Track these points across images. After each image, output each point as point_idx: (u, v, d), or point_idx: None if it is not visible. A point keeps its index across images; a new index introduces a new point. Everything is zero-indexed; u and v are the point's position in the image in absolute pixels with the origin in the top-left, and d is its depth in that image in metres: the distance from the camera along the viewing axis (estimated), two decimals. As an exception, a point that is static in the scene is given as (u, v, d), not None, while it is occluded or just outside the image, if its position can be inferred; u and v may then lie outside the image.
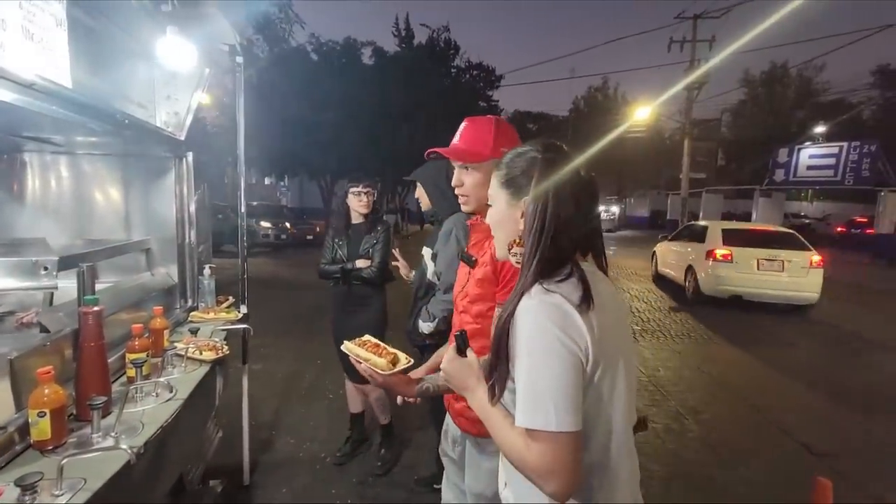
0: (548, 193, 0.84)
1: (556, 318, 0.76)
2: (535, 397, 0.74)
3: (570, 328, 0.75)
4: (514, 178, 0.91)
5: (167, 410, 1.34)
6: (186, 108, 2.18)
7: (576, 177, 0.87)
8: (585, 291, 0.79)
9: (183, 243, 2.28)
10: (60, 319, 1.40)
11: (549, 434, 0.72)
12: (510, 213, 0.92)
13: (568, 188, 0.85)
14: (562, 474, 0.73)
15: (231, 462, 2.52)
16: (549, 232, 0.83)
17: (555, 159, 0.87)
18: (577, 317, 0.76)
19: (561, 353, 0.74)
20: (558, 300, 0.77)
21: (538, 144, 0.92)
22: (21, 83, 1.13)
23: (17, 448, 1.08)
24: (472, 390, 0.91)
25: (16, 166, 2.09)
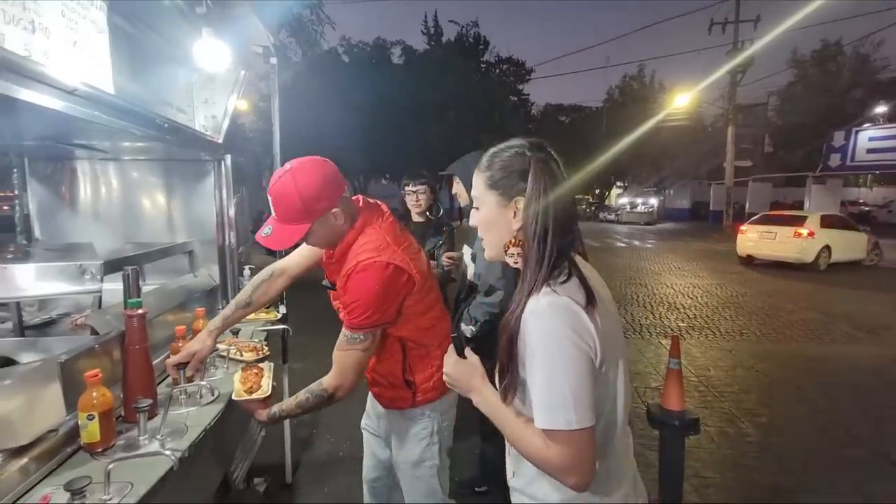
0: (548, 195, 0.85)
1: (568, 320, 0.78)
2: (554, 399, 0.77)
3: (580, 329, 0.78)
4: (502, 179, 0.91)
5: (210, 413, 1.34)
6: (223, 112, 2.20)
7: (561, 174, 0.89)
8: (588, 291, 0.82)
9: (223, 245, 2.31)
10: (109, 322, 1.42)
11: (568, 433, 0.76)
12: (502, 214, 0.92)
13: (563, 189, 0.87)
14: (582, 468, 0.77)
15: (274, 461, 2.55)
16: (554, 234, 0.85)
17: (546, 159, 0.88)
18: (585, 317, 0.79)
19: (575, 355, 0.77)
20: (567, 302, 0.79)
21: (523, 144, 0.91)
22: (64, 89, 1.14)
23: (68, 450, 1.09)
24: (477, 391, 0.92)
25: (67, 174, 2.17)
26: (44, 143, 1.61)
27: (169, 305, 1.86)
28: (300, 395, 1.30)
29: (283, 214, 1.24)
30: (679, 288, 8.08)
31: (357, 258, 1.24)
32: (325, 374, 1.31)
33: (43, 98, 1.10)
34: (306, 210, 1.22)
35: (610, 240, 17.57)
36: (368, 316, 1.22)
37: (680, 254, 12.99)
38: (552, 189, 0.86)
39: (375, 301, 1.22)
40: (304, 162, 1.25)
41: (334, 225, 1.28)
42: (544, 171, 0.86)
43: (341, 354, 1.26)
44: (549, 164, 0.88)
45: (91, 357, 1.24)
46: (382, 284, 1.22)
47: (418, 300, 1.31)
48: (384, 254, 1.24)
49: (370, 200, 1.41)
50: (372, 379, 1.48)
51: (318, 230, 1.26)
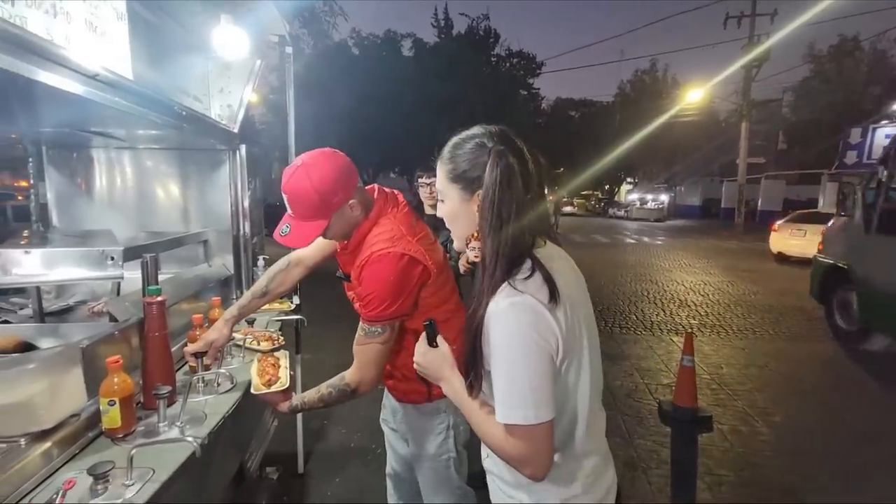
0: (506, 189, 0.83)
1: (529, 320, 0.78)
2: (513, 397, 0.79)
3: (542, 328, 0.79)
4: (463, 172, 0.89)
5: (228, 401, 1.34)
6: (239, 101, 2.20)
7: (524, 164, 0.86)
8: (552, 288, 0.81)
9: (238, 235, 2.31)
10: (127, 309, 1.43)
11: (525, 427, 0.78)
12: (465, 208, 0.91)
13: (518, 179, 0.84)
14: (538, 460, 0.80)
15: (286, 450, 2.56)
16: (511, 229, 0.83)
17: (505, 152, 0.85)
18: (548, 315, 0.79)
19: (535, 353, 0.78)
20: (529, 301, 0.79)
21: (484, 133, 0.89)
22: (86, 74, 1.13)
23: (89, 435, 1.10)
24: (447, 380, 0.93)
25: (84, 162, 2.18)
26: (61, 130, 1.61)
27: (184, 294, 1.87)
28: (322, 388, 1.28)
29: (301, 212, 1.22)
30: (690, 285, 8.01)
31: (371, 249, 1.22)
32: (339, 365, 1.30)
33: (64, 82, 1.09)
34: (324, 205, 1.20)
35: (619, 236, 17.45)
36: (385, 308, 1.20)
37: (690, 251, 12.86)
38: (511, 182, 0.83)
39: (391, 293, 1.20)
40: (316, 156, 1.23)
41: (351, 217, 1.27)
42: (502, 164, 0.83)
43: (361, 349, 1.25)
44: (509, 155, 0.84)
45: (111, 343, 1.24)
46: (397, 275, 1.20)
47: (433, 292, 1.29)
48: (399, 244, 1.22)
49: (385, 189, 1.39)
50: (387, 372, 1.46)
51: (336, 223, 1.25)
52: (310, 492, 2.45)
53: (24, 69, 0.98)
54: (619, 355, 4.52)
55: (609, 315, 6.00)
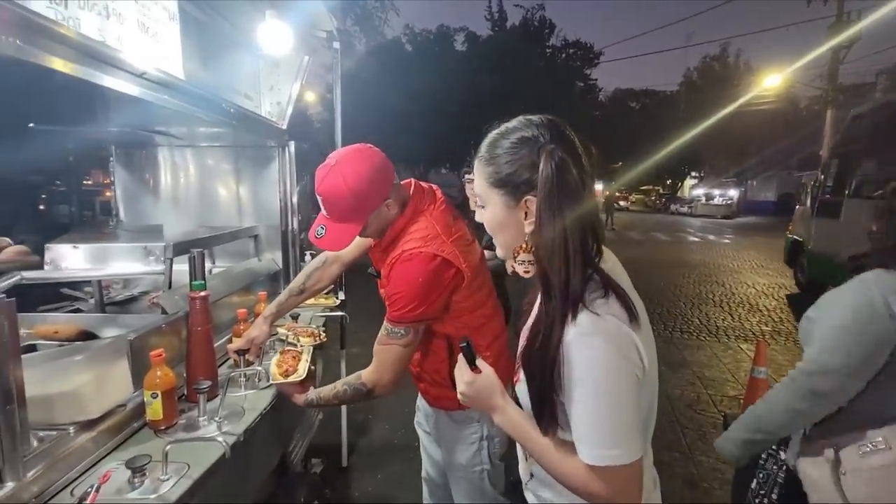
0: (561, 194, 0.72)
1: (620, 347, 0.70)
2: (603, 435, 0.70)
3: (630, 352, 0.71)
4: (507, 175, 0.77)
5: (267, 397, 1.34)
6: (288, 98, 2.23)
7: (579, 161, 0.74)
8: (629, 306, 0.72)
9: (286, 230, 2.35)
10: (177, 302, 1.47)
11: (616, 468, 0.70)
12: (511, 216, 0.80)
13: (576, 180, 0.73)
14: (629, 496, 0.72)
15: (331, 442, 2.60)
16: (578, 245, 0.72)
17: (559, 149, 0.73)
18: (634, 337, 0.71)
19: (626, 384, 0.70)
20: (614, 324, 0.70)
21: (530, 124, 0.77)
22: (134, 73, 1.16)
23: (134, 425, 1.13)
24: (500, 410, 0.83)
25: (148, 160, 2.30)
26: (125, 129, 1.70)
27: (234, 288, 1.91)
28: (338, 385, 1.27)
29: (336, 214, 1.19)
30: (762, 288, 7.36)
31: (402, 247, 1.18)
32: None
33: (117, 83, 1.12)
34: (360, 207, 1.17)
35: (682, 233, 16.44)
36: (411, 309, 1.15)
37: (762, 251, 11.87)
38: (569, 185, 0.72)
39: (418, 294, 1.14)
40: (350, 154, 1.18)
41: (388, 215, 1.23)
42: (557, 165, 0.71)
43: (381, 349, 1.21)
44: (562, 153, 0.72)
45: (158, 336, 1.27)
46: (427, 276, 1.14)
47: (467, 296, 1.22)
48: (432, 244, 1.16)
49: (422, 185, 1.33)
50: (417, 374, 1.42)
51: (373, 223, 1.22)
52: (352, 486, 2.47)
53: (83, 72, 1.01)
54: (679, 362, 4.22)
55: (669, 318, 5.63)
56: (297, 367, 1.32)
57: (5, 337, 0.80)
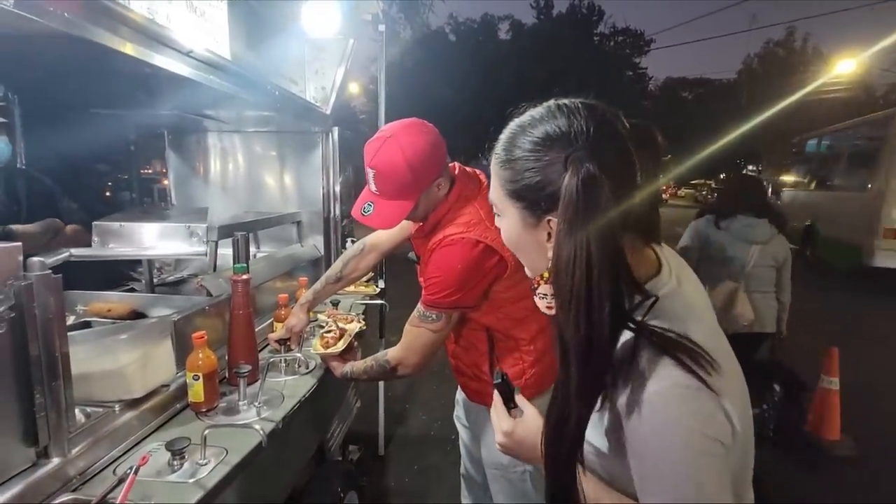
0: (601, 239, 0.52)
1: (706, 412, 0.52)
2: None
3: (719, 417, 0.53)
4: (527, 187, 0.59)
5: (307, 384, 1.32)
6: (332, 83, 2.20)
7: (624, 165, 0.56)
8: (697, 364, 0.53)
9: (329, 217, 2.34)
10: (221, 285, 1.47)
11: None
12: (530, 237, 0.63)
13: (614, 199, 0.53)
14: None
15: (369, 431, 2.60)
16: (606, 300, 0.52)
17: (585, 157, 0.53)
18: (713, 398, 0.52)
19: (717, 460, 0.52)
20: (701, 380, 0.52)
21: (557, 115, 0.57)
22: (181, 51, 1.14)
23: (177, 406, 1.13)
24: None
25: (198, 145, 2.35)
26: (175, 112, 1.72)
27: (277, 272, 1.92)
28: (368, 360, 1.27)
29: (388, 189, 1.13)
30: (828, 285, 6.79)
31: (445, 232, 1.13)
32: None
33: (165, 61, 1.11)
34: (416, 183, 1.11)
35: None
36: (446, 295, 1.11)
37: (828, 251, 10.94)
38: (602, 211, 0.52)
39: (457, 280, 1.09)
40: (406, 127, 1.13)
41: (437, 196, 1.17)
42: (587, 184, 0.52)
43: (411, 330, 1.18)
44: (601, 164, 0.53)
45: (201, 318, 1.27)
46: (467, 263, 1.09)
47: (510, 286, 1.15)
48: (475, 230, 1.10)
49: (467, 169, 1.26)
50: (456, 367, 1.38)
51: (421, 203, 1.16)
52: (388, 476, 2.45)
53: (135, 50, 1.01)
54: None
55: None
56: (338, 345, 1.35)
57: (52, 313, 0.80)
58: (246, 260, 1.42)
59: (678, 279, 0.64)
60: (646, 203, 0.62)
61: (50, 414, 0.82)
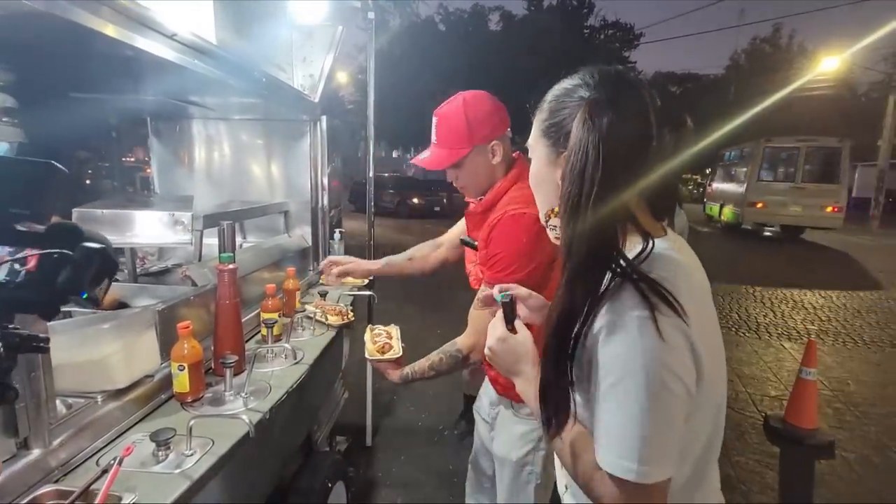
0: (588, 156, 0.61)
1: (667, 346, 0.58)
2: (624, 442, 0.59)
3: (682, 356, 0.59)
4: (553, 124, 0.71)
5: (294, 374, 1.31)
6: (320, 71, 2.16)
7: (639, 122, 0.64)
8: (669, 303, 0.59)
9: (317, 207, 2.32)
10: (206, 275, 1.45)
11: (627, 482, 0.59)
12: (549, 172, 0.73)
13: (622, 145, 0.61)
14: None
15: (356, 422, 2.60)
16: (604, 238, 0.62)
17: (602, 102, 0.63)
18: (689, 334, 0.59)
19: (669, 392, 0.59)
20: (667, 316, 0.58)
21: (589, 73, 0.69)
22: (165, 34, 1.11)
23: (162, 397, 1.11)
24: (525, 377, 0.75)
25: (182, 133, 2.30)
26: (159, 98, 1.68)
27: (264, 263, 1.89)
28: (433, 356, 1.23)
29: (444, 136, 1.22)
30: (808, 284, 6.96)
31: (506, 208, 1.15)
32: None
33: (148, 43, 1.08)
34: (469, 133, 1.19)
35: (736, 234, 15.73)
36: (512, 272, 1.10)
37: (808, 245, 11.22)
38: (608, 149, 0.60)
39: (521, 255, 1.10)
40: (478, 91, 1.24)
41: (489, 163, 1.22)
42: (596, 122, 0.61)
43: (476, 314, 1.17)
44: (610, 109, 0.62)
45: (186, 308, 1.25)
46: (530, 236, 1.10)
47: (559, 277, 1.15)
48: (535, 208, 1.12)
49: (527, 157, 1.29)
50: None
51: (473, 161, 1.22)
52: (376, 466, 2.46)
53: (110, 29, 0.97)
54: (716, 358, 4.06)
55: (705, 312, 5.44)
56: (393, 344, 1.30)
57: (30, 301, 0.78)
58: (232, 249, 1.39)
59: (679, 250, 0.69)
60: (660, 176, 0.67)
61: (29, 405, 0.80)
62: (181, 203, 1.40)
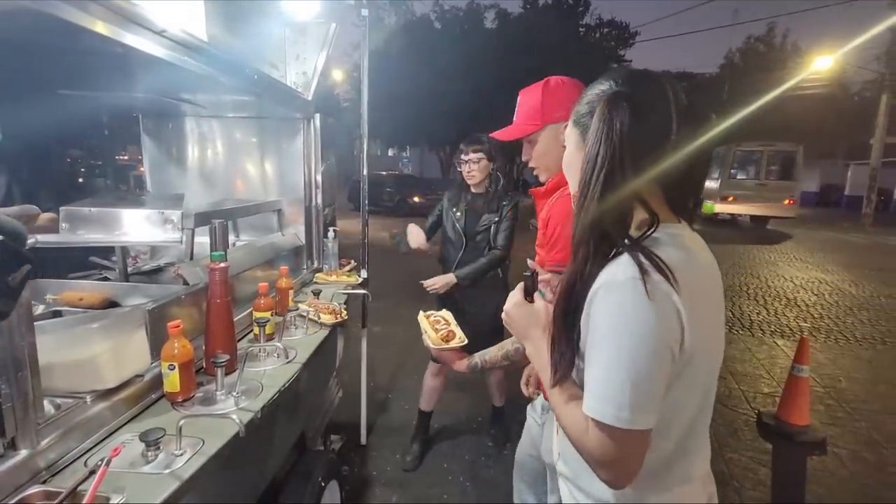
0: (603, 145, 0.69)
1: (654, 305, 0.64)
2: (609, 389, 0.66)
3: (668, 317, 0.65)
4: (583, 115, 0.79)
5: (286, 373, 1.30)
6: (314, 68, 2.15)
7: (659, 118, 0.70)
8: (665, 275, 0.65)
9: (311, 205, 2.31)
10: (197, 273, 1.44)
11: (613, 428, 0.65)
12: (577, 158, 0.79)
13: (636, 139, 0.68)
14: (621, 466, 0.68)
15: (351, 420, 2.60)
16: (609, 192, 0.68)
17: (619, 96, 0.70)
18: (676, 300, 0.65)
19: (653, 348, 0.64)
20: (656, 281, 0.64)
21: (617, 72, 0.77)
22: (154, 30, 1.10)
23: (152, 397, 1.11)
24: (533, 341, 0.85)
25: (175, 131, 2.28)
26: (150, 96, 1.66)
27: (257, 261, 1.88)
28: (507, 343, 1.22)
29: (521, 112, 1.29)
30: (800, 282, 7.01)
31: (566, 188, 1.19)
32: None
33: (136, 40, 1.07)
34: (542, 109, 1.25)
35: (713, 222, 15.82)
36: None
37: (802, 243, 11.30)
38: (621, 141, 0.68)
39: None
40: (565, 77, 1.30)
41: (558, 146, 1.23)
42: (612, 115, 0.69)
43: None
44: (628, 105, 0.69)
45: (177, 307, 1.24)
46: None
47: None
48: None
49: None
50: None
51: (546, 139, 1.27)
52: (370, 464, 2.46)
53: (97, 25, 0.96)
54: (709, 355, 4.08)
55: (699, 310, 5.48)
56: (456, 332, 1.28)
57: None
58: (224, 248, 1.38)
59: (690, 244, 0.74)
60: (677, 169, 0.72)
61: (17, 405, 0.79)
62: (171, 201, 1.38)
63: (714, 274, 0.77)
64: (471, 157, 2.25)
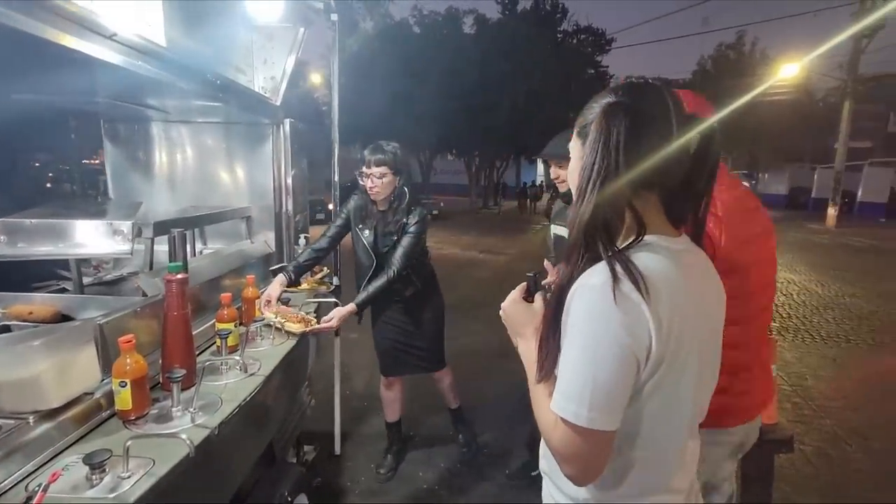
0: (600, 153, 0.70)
1: (620, 311, 0.65)
2: (572, 387, 0.68)
3: (634, 325, 0.66)
4: (585, 126, 0.78)
5: (248, 387, 1.27)
6: (282, 73, 2.12)
7: (653, 129, 0.70)
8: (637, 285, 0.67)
9: (280, 212, 2.27)
10: (157, 284, 1.39)
11: (576, 426, 0.67)
12: (579, 167, 0.79)
13: (631, 148, 0.69)
14: (579, 464, 0.70)
15: (326, 429, 2.55)
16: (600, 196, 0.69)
17: (618, 106, 0.71)
18: (645, 309, 0.65)
19: (614, 352, 0.66)
20: (626, 289, 0.66)
21: (618, 85, 0.78)
22: (103, 34, 1.06)
23: (103, 415, 1.06)
24: (525, 338, 0.86)
25: (138, 136, 2.21)
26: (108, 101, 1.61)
27: (224, 270, 1.84)
28: None
29: None
30: (770, 282, 7.22)
31: None
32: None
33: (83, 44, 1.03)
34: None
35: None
36: None
37: (772, 244, 11.65)
38: (617, 148, 0.69)
39: None
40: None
41: None
42: (608, 123, 0.70)
43: None
44: (624, 114, 0.69)
45: (133, 320, 1.20)
46: None
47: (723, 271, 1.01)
48: None
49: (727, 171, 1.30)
50: None
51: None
52: (345, 475, 2.42)
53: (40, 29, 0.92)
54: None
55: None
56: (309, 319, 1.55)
57: (-56, 320, 0.72)
58: (183, 258, 1.34)
59: (682, 256, 0.74)
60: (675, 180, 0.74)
61: (-54, 429, 0.75)
62: (126, 210, 1.33)
63: (709, 290, 0.78)
64: (373, 172, 2.00)
